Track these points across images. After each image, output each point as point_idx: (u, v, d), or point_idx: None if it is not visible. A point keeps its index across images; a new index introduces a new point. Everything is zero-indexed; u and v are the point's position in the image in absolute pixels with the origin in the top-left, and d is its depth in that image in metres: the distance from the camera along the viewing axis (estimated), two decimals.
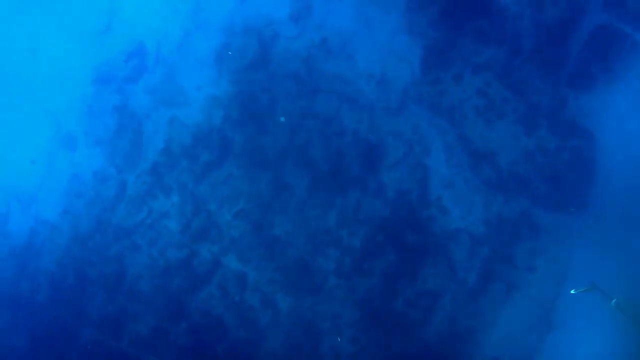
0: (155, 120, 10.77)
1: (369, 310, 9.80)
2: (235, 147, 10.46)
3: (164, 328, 10.52)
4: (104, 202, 10.84)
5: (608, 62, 9.03)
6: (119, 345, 10.57)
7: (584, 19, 9.10)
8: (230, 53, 9.95)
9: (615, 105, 9.00)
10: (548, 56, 9.26)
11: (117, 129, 10.93)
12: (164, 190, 10.63)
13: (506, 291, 9.30)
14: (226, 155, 10.48)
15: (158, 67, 10.81)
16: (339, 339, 9.98)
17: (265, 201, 10.28)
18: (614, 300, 8.58)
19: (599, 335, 8.83)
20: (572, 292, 8.97)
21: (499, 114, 9.42)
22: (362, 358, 9.78)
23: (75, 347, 10.78)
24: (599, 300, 8.73)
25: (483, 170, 9.44)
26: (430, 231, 9.52)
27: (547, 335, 9.10)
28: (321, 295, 10.01)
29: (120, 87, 10.94)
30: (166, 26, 10.77)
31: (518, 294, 9.23)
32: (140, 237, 10.65)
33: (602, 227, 8.92)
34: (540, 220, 9.24)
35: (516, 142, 9.33)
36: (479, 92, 9.45)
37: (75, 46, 11.16)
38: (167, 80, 10.76)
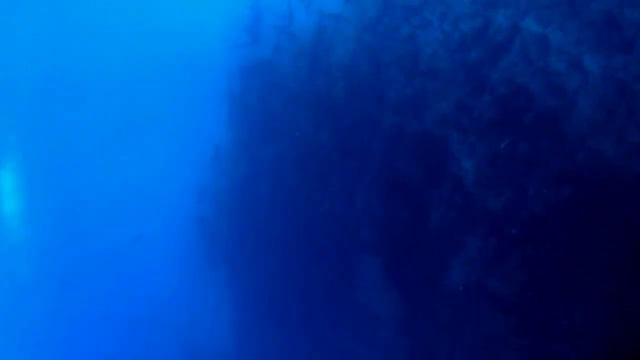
0: None
1: None
2: None
3: (466, 104, 10.33)
4: None
5: None
6: (423, 127, 10.73)
7: None
8: None
9: None
10: None
11: None
12: None
13: None
14: None
15: None
16: None
17: None
18: None
19: None
20: None
21: None
22: None
23: (379, 133, 11.24)
24: None
25: None
26: None
27: None
28: (634, 53, 8.75)
29: None
30: None
31: None
32: (430, 12, 10.19)
33: None
34: None
35: None
36: None
37: None
38: None
